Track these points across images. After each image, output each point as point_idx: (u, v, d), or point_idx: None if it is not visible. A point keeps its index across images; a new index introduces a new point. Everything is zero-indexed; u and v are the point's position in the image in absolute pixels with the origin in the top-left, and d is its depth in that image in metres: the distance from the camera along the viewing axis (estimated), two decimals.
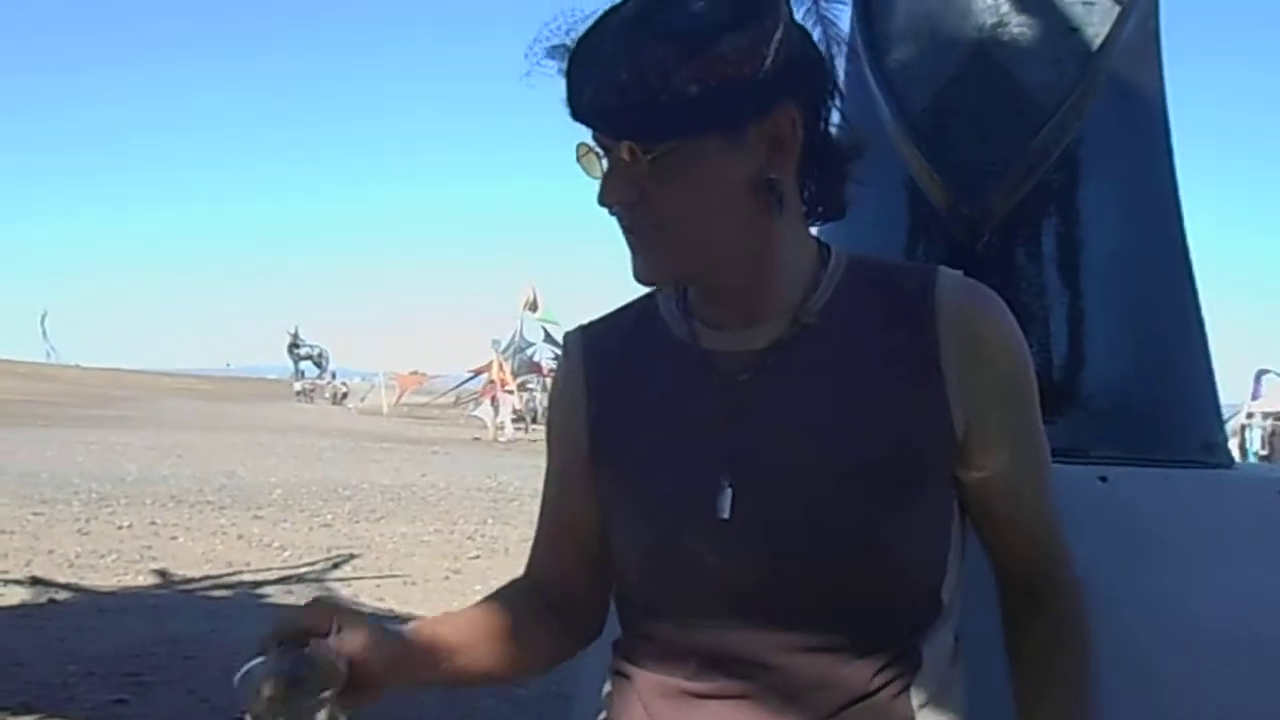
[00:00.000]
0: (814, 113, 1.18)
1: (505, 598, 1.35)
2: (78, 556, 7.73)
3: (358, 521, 10.12)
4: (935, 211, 2.11)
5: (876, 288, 1.23)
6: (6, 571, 6.87)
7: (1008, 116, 2.11)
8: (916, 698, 1.19)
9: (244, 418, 30.13)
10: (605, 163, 1.16)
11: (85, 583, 6.81)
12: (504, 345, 33.63)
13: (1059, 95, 2.07)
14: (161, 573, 7.34)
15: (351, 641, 1.10)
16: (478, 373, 33.43)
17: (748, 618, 1.19)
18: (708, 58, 1.08)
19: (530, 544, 1.41)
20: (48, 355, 53.58)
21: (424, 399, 39.14)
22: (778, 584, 1.17)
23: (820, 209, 1.22)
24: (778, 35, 1.10)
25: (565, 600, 1.36)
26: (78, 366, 51.71)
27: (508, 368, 31.66)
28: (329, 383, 48.61)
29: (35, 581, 6.63)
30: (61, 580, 6.80)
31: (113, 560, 7.72)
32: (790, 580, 1.17)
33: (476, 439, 26.36)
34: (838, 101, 1.21)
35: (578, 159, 1.18)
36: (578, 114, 1.14)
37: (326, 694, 1.02)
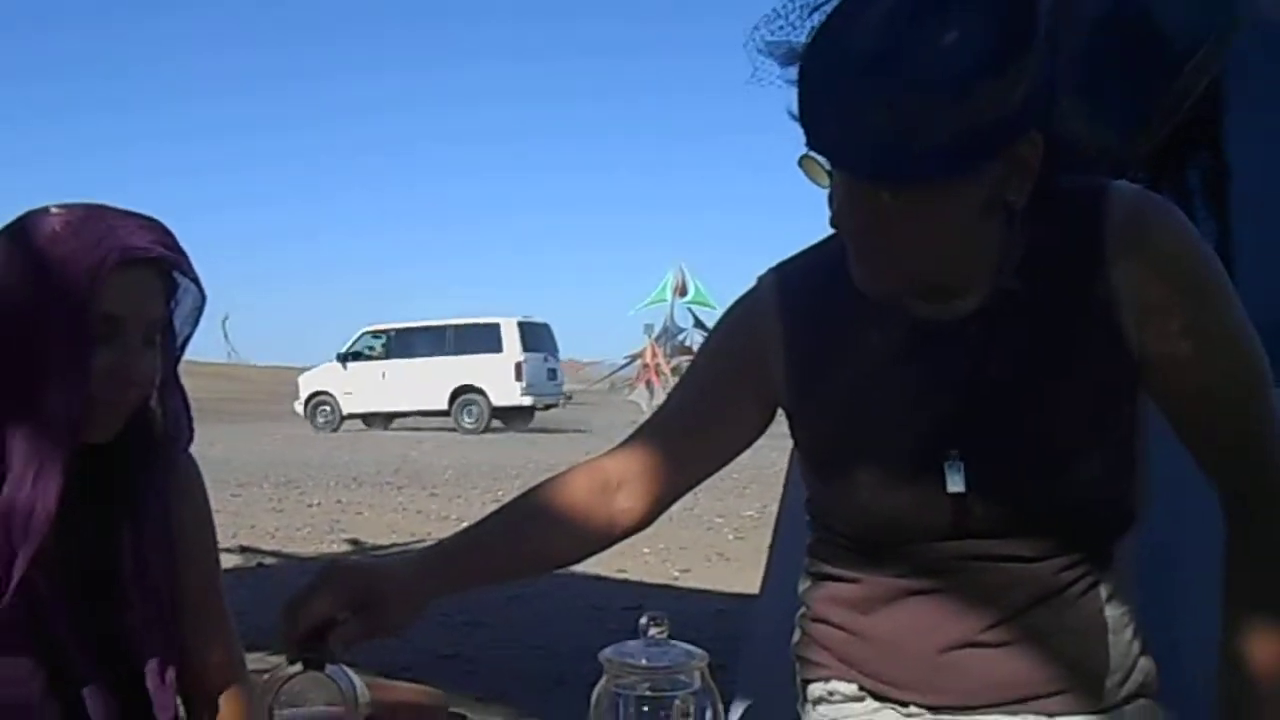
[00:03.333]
0: (1048, 122, 1.11)
1: (568, 485, 1.35)
2: (276, 530, 8.24)
3: None
4: (1083, 153, 2.19)
5: (1055, 224, 1.20)
6: (219, 542, 7.32)
7: (1151, 57, 2.16)
8: (1104, 592, 1.25)
9: None
10: (836, 182, 1.13)
11: (287, 550, 7.29)
12: (656, 330, 33.78)
13: (1201, 34, 2.11)
14: (354, 541, 7.78)
15: (364, 621, 1.14)
16: (633, 359, 33.68)
17: (956, 543, 1.24)
18: (962, 107, 1.02)
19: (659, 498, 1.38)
20: (229, 355, 55.91)
21: (582, 385, 39.60)
22: (996, 527, 1.23)
23: (1000, 214, 1.16)
24: (1030, 70, 1.04)
25: (650, 488, 1.37)
26: (254, 365, 53.88)
27: (661, 352, 31.79)
28: None
29: (244, 550, 7.12)
30: (266, 548, 7.30)
31: (307, 533, 8.20)
32: (1006, 523, 1.23)
33: (633, 421, 26.50)
34: None
35: (800, 165, 1.16)
36: (820, 149, 1.10)
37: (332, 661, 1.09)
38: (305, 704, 1.11)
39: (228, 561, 6.86)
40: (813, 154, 1.12)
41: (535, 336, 23.20)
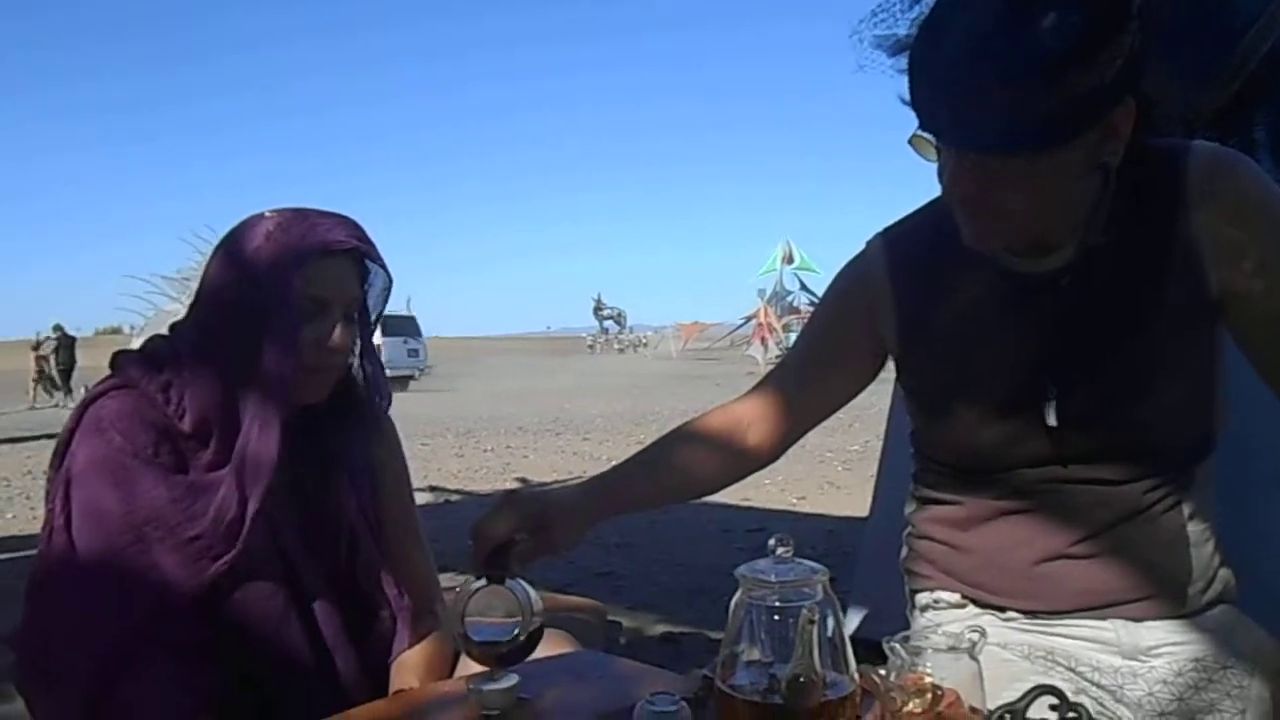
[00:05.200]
0: (1138, 90, 1.06)
1: (708, 424, 1.36)
2: (459, 472, 8.47)
3: None
4: (1152, 112, 2.07)
5: (1139, 181, 1.16)
6: (412, 483, 7.59)
7: (1218, 22, 2.03)
8: (1187, 510, 1.21)
9: (565, 367, 31.51)
10: (946, 156, 1.10)
11: (468, 488, 7.49)
12: (768, 294, 33.55)
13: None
14: (523, 479, 7.94)
15: (539, 542, 1.18)
16: (748, 319, 33.55)
17: (1042, 475, 1.22)
18: (1061, 84, 0.98)
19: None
20: None
21: (705, 344, 39.60)
22: (1087, 455, 1.20)
23: (1097, 173, 1.11)
24: (1124, 45, 1.00)
25: (778, 428, 1.36)
26: (438, 337, 55.44)
27: (772, 313, 31.58)
28: (616, 335, 49.80)
29: (433, 489, 7.34)
30: (451, 487, 7.51)
31: (484, 473, 8.40)
32: (1097, 451, 1.19)
33: (750, 373, 26.46)
34: None
35: (910, 143, 1.13)
36: (932, 128, 1.08)
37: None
38: (490, 614, 1.14)
39: (420, 499, 7.08)
40: (922, 133, 1.10)
41: (397, 326, 25.00)
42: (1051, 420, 1.17)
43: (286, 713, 1.28)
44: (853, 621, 3.06)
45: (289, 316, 1.28)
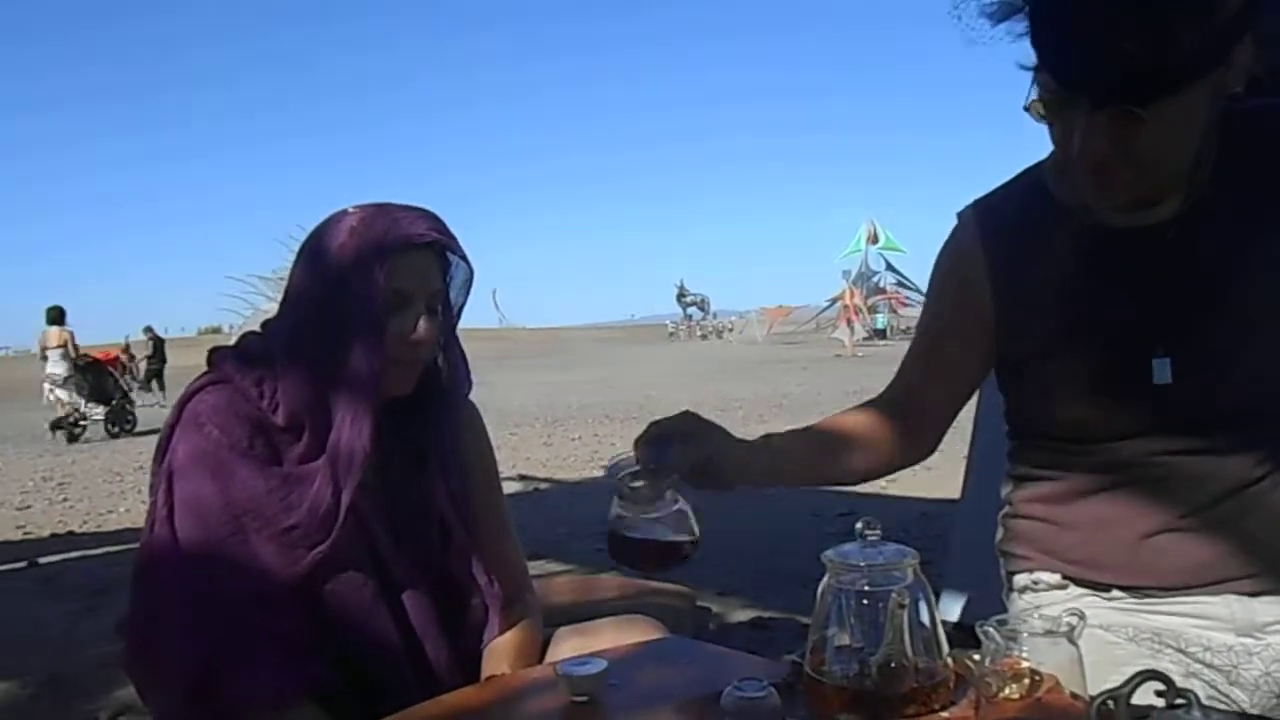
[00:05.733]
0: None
1: (857, 417, 1.35)
2: (546, 460, 8.57)
3: (750, 424, 10.44)
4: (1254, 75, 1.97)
5: (1248, 137, 1.14)
6: (500, 472, 7.69)
7: None
8: None
9: (649, 355, 31.60)
10: (1069, 117, 1.06)
11: (556, 476, 7.57)
12: (853, 275, 33.11)
13: None
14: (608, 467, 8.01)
15: (702, 447, 1.15)
16: (834, 301, 33.16)
17: (1148, 444, 1.19)
18: (1202, 18, 0.97)
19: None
20: (500, 321, 58.40)
21: (791, 328, 39.27)
22: (1196, 419, 1.16)
23: (1220, 101, 1.08)
24: None
25: (918, 419, 1.35)
26: (524, 328, 56.05)
27: (858, 295, 31.16)
28: (699, 321, 49.65)
29: (522, 477, 7.43)
30: (540, 475, 7.60)
31: (572, 461, 8.49)
32: (1206, 415, 1.16)
33: (838, 355, 26.20)
34: None
35: (1028, 110, 1.10)
36: (1073, 85, 1.03)
37: (671, 479, 1.11)
38: (639, 504, 1.11)
39: (509, 488, 7.13)
40: (1041, 97, 1.07)
41: None
42: (1162, 379, 1.13)
43: (382, 700, 1.30)
44: (947, 606, 3.00)
45: (373, 311, 1.30)
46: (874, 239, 34.47)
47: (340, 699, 1.31)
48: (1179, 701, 0.81)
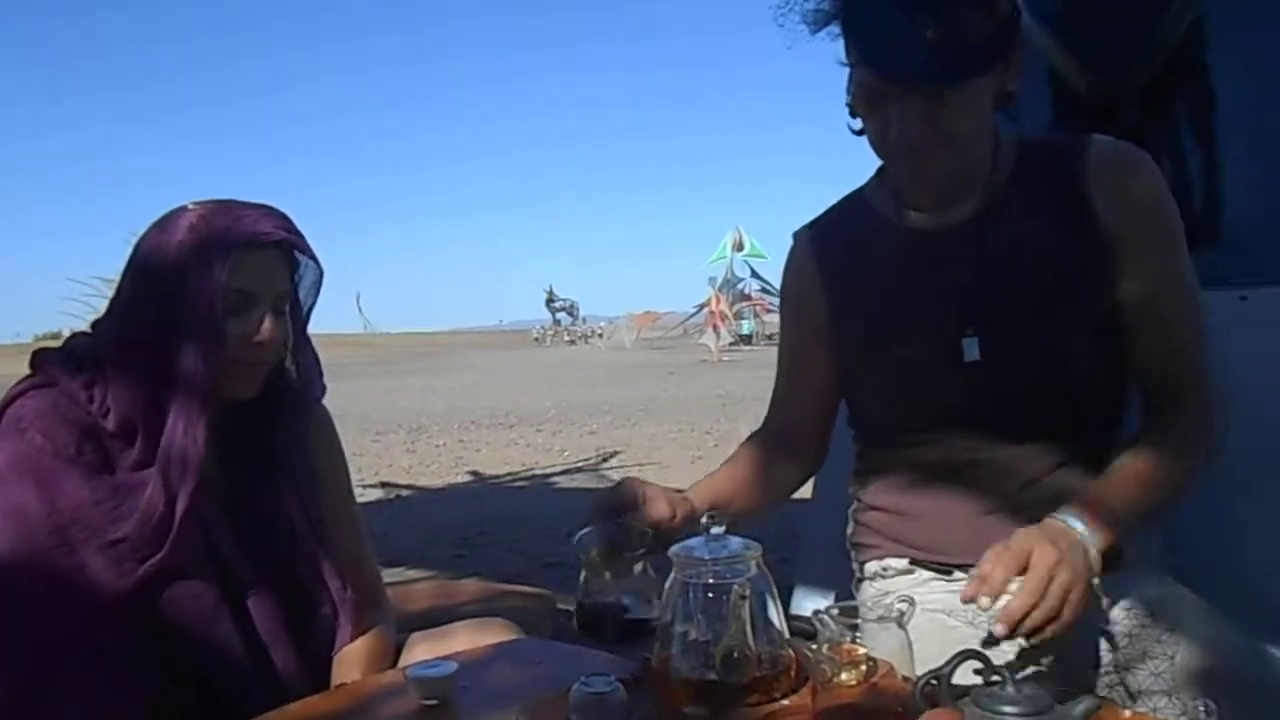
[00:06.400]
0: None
1: (753, 450, 1.43)
2: (410, 467, 8.35)
3: (617, 428, 10.48)
4: (1077, 94, 2.10)
5: (1041, 157, 1.28)
6: (362, 479, 7.52)
7: (1135, 3, 2.07)
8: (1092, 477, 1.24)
9: (517, 360, 31.38)
10: (885, 109, 1.18)
11: (419, 483, 7.43)
12: (719, 282, 33.67)
13: None
14: (475, 473, 7.88)
15: (655, 510, 1.19)
16: (701, 308, 33.64)
17: (970, 428, 1.27)
18: (991, 11, 1.14)
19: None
20: (364, 326, 56.91)
21: (659, 333, 39.58)
22: (1007, 395, 1.25)
23: (1003, 102, 1.24)
24: None
25: (799, 441, 1.45)
26: (386, 333, 54.72)
27: (724, 301, 31.69)
28: (568, 327, 49.47)
29: (384, 485, 7.26)
30: (402, 483, 7.44)
31: (435, 468, 8.30)
32: (1015, 391, 1.24)
33: (704, 361, 26.55)
34: None
35: (851, 104, 1.22)
36: (884, 71, 1.17)
37: (640, 552, 1.13)
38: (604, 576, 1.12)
39: (370, 495, 7.03)
40: (863, 89, 1.19)
41: None
42: (971, 356, 1.23)
43: (225, 710, 1.26)
44: (800, 602, 3.08)
45: (211, 310, 1.25)
46: (739, 246, 35.15)
47: (184, 713, 1.26)
48: (994, 679, 0.86)
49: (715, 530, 1.07)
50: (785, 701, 1.02)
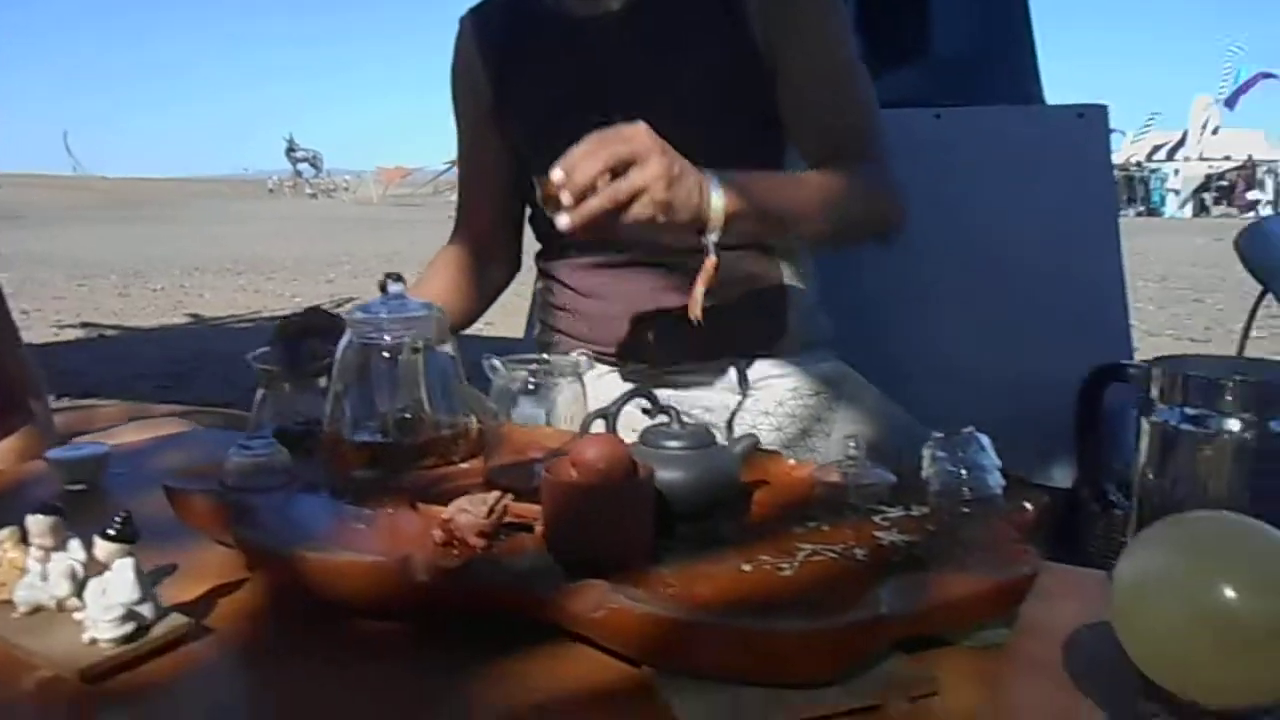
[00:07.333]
0: None
1: (455, 256, 1.43)
2: (121, 309, 7.72)
3: (356, 278, 10.14)
4: None
5: None
6: (61, 320, 6.86)
7: None
8: (783, 264, 1.30)
9: (258, 212, 29.41)
10: None
11: (129, 324, 6.85)
12: None
13: None
14: (194, 315, 7.38)
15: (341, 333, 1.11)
16: (452, 164, 32.62)
17: None
18: None
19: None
20: (74, 169, 51.21)
21: (408, 190, 38.25)
22: None
23: None
24: None
25: (492, 243, 1.44)
26: (103, 177, 49.63)
27: None
28: (310, 179, 46.72)
29: (85, 325, 6.64)
30: (108, 324, 6.83)
31: (150, 311, 7.72)
32: None
33: (452, 217, 26.02)
34: None
35: None
36: None
37: (321, 364, 1.06)
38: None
39: (69, 335, 6.47)
40: None
41: None
42: None
43: None
44: None
45: None
46: None
47: None
48: (661, 418, 0.86)
49: (394, 288, 0.99)
50: (465, 466, 0.98)
